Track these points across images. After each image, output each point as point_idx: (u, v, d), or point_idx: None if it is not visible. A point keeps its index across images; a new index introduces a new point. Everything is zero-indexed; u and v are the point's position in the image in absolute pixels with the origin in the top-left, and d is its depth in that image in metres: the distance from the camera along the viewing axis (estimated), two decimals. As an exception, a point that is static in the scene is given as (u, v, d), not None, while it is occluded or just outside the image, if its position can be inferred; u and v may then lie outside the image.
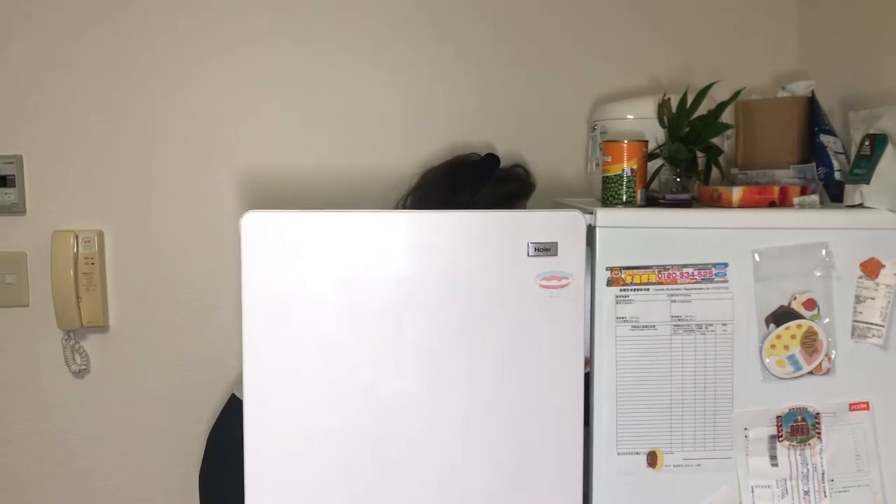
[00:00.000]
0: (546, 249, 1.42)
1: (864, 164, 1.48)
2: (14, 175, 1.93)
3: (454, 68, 1.98)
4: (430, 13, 1.97)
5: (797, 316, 1.45)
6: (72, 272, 1.93)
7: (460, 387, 1.42)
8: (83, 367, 2.03)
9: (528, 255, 1.41)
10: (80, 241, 1.94)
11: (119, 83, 1.92)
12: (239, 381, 1.62)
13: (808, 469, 1.47)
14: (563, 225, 1.41)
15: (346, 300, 1.38)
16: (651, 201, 1.55)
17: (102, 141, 1.87)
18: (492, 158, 1.80)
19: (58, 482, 2.03)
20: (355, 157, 1.99)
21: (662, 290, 1.44)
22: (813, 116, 1.65)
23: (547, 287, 1.42)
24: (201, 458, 1.81)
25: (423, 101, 1.98)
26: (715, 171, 1.65)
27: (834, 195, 1.60)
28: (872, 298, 1.45)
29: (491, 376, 1.42)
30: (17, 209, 1.94)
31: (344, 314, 1.38)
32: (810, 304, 1.45)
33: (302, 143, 1.99)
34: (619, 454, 1.46)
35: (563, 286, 1.43)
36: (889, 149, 1.45)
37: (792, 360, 1.45)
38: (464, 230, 1.40)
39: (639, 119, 1.73)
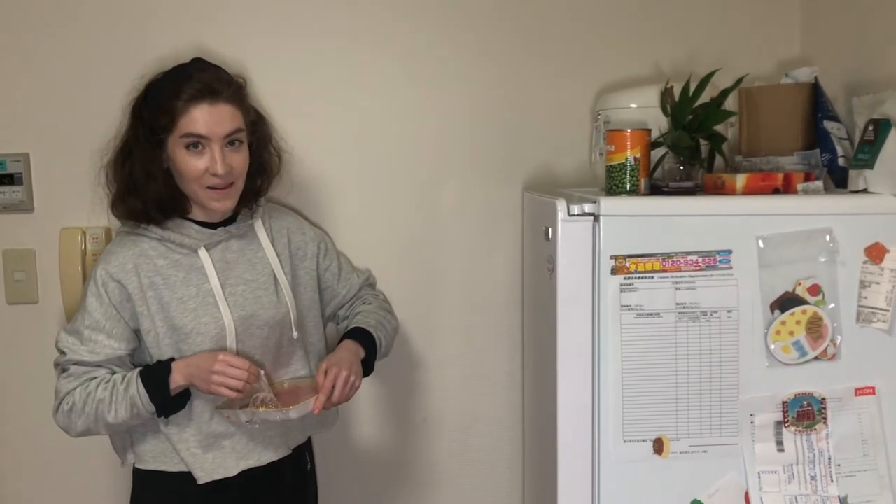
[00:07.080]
0: (546, 236, 1.49)
1: (868, 149, 1.48)
2: (21, 173, 1.94)
3: (455, 58, 1.97)
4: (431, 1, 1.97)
5: (802, 302, 1.45)
6: (80, 269, 1.93)
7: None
8: (93, 363, 2.04)
9: (547, 239, 1.50)
10: (87, 237, 1.95)
11: (127, 80, 1.92)
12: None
13: (814, 454, 1.47)
14: (551, 213, 1.46)
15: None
16: (655, 189, 1.56)
17: (109, 138, 1.87)
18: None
19: (66, 478, 2.04)
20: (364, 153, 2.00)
21: (667, 277, 1.44)
22: (816, 103, 1.64)
23: (547, 268, 1.49)
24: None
25: (424, 90, 1.98)
26: (718, 159, 1.65)
27: (838, 181, 1.60)
28: (877, 283, 1.45)
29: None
30: (25, 207, 1.95)
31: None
32: (815, 289, 1.45)
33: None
34: (625, 441, 1.46)
35: (550, 269, 1.46)
36: (893, 133, 1.45)
37: (797, 345, 1.46)
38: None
39: (642, 108, 1.73)
